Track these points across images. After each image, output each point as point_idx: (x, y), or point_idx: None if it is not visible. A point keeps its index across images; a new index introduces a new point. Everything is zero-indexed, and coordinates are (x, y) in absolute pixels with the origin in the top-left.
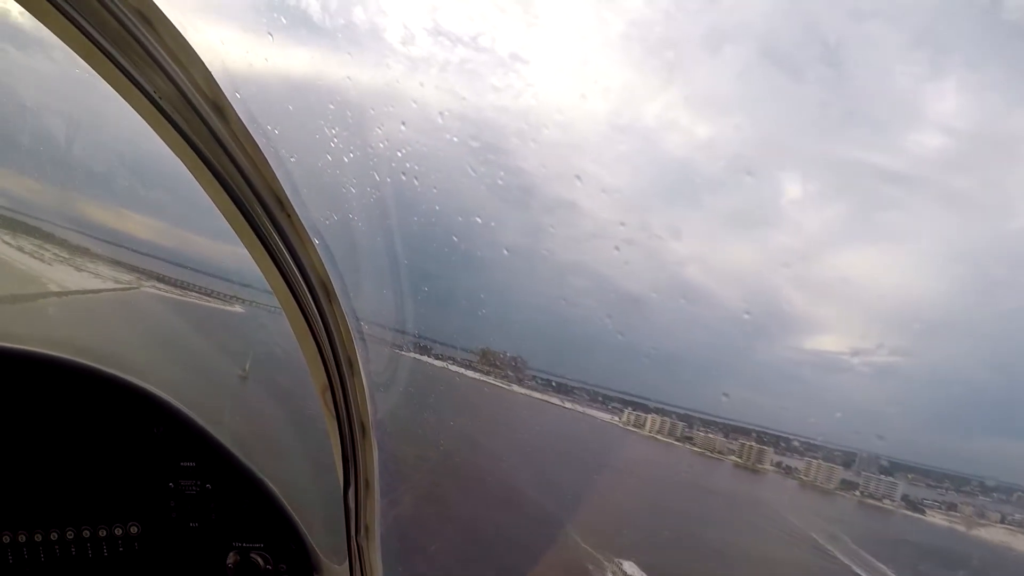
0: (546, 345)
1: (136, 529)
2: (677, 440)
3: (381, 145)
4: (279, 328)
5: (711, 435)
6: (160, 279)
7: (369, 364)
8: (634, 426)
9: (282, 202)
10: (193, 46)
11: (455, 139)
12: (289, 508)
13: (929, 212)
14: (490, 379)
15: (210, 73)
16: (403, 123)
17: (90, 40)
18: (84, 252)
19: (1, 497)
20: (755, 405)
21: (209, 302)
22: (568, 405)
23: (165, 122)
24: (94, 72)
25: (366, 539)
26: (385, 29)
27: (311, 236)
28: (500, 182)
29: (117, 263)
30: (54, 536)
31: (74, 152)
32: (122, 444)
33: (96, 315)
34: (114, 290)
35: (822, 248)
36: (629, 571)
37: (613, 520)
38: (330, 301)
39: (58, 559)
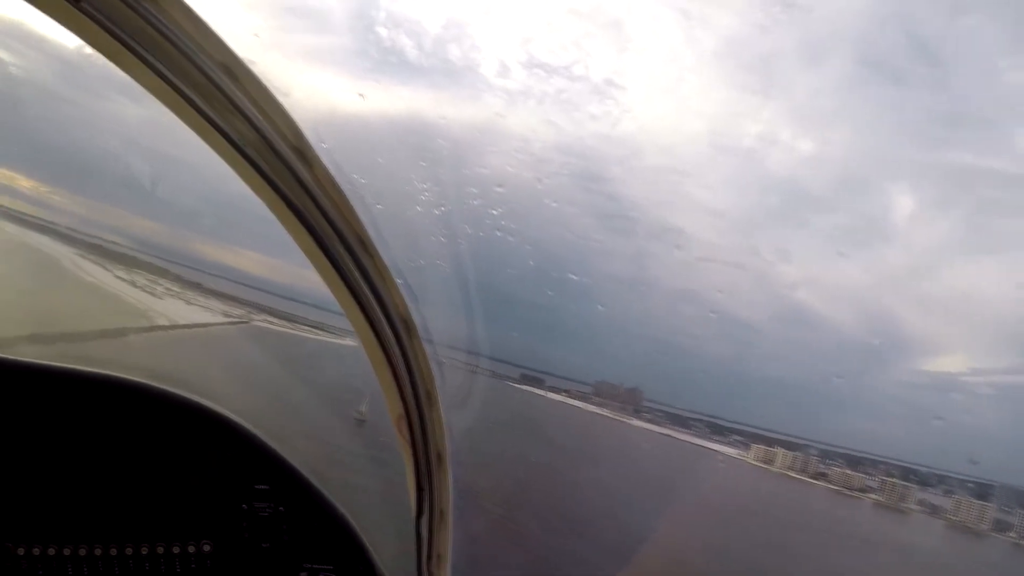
0: (654, 374)
1: (208, 547)
2: (810, 476)
3: (475, 203)
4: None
5: (846, 471)
6: (271, 312)
7: (448, 397)
8: (764, 461)
9: (364, 243)
10: (280, 99)
11: (556, 173)
12: (360, 532)
13: None
14: (589, 409)
15: (294, 122)
16: (499, 185)
17: (177, 92)
18: (196, 287)
19: (82, 512)
20: (879, 435)
21: (316, 335)
22: (682, 437)
23: (248, 166)
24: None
25: (437, 567)
26: (480, 64)
27: (394, 276)
28: (603, 211)
29: (230, 297)
30: (128, 551)
31: (188, 194)
32: (198, 466)
33: (205, 348)
34: (224, 324)
35: (938, 261)
36: None
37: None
38: (411, 336)
39: (132, 573)
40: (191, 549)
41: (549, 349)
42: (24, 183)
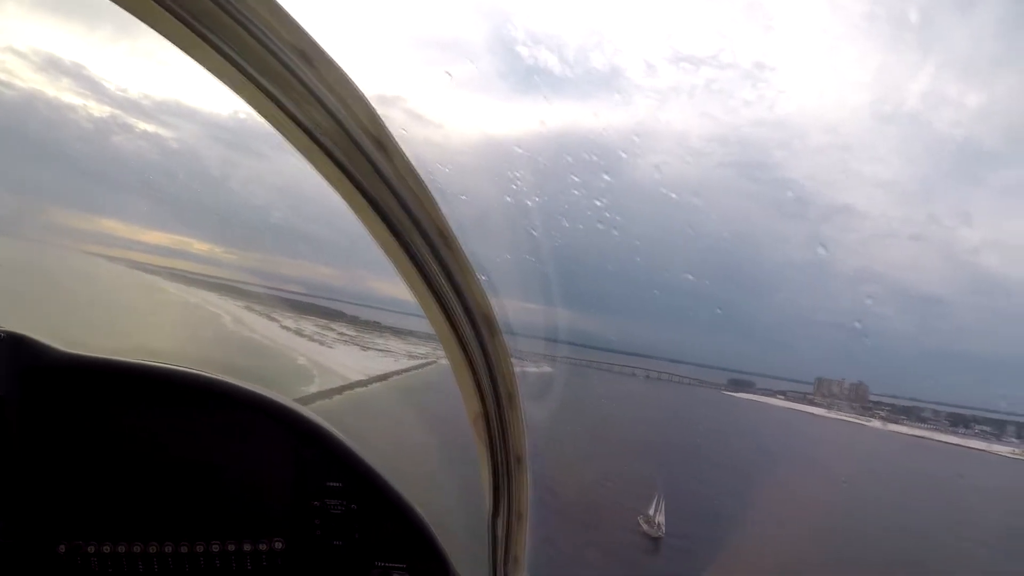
0: (841, 362)
1: (280, 545)
2: None
3: (575, 192)
4: None
5: None
6: None
7: (530, 399)
8: None
9: (445, 236)
10: (358, 86)
11: (719, 164)
12: (434, 531)
13: None
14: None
15: (374, 111)
16: (606, 173)
17: (247, 78)
18: (373, 327)
19: (154, 509)
20: None
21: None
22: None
23: (323, 155)
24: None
25: (514, 569)
26: (625, 68)
27: (477, 272)
28: (771, 198)
29: (410, 334)
30: (200, 548)
31: (351, 235)
32: (271, 463)
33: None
34: (408, 370)
35: None
36: None
37: None
38: (492, 335)
39: (203, 571)
40: (263, 547)
41: (719, 343)
42: (199, 246)
